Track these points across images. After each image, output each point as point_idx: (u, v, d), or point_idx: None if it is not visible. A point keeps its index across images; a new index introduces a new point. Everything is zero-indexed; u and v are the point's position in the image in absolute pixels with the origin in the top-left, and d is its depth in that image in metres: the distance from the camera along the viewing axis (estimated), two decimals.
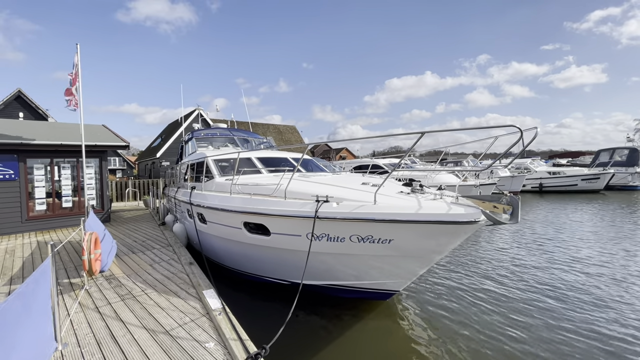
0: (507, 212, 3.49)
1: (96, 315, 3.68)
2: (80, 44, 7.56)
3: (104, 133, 10.92)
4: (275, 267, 5.04)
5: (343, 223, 3.80)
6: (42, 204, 9.03)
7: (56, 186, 9.35)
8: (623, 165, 23.02)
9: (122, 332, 3.29)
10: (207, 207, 5.52)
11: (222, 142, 9.21)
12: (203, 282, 4.53)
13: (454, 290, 5.72)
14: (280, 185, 4.45)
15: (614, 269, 6.62)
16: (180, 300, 4.04)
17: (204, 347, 3.00)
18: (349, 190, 4.22)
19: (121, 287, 4.56)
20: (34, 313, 2.53)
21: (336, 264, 4.36)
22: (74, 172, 9.59)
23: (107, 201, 10.28)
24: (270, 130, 38.15)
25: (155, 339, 3.17)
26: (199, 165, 7.23)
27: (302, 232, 4.13)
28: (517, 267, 6.85)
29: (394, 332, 4.48)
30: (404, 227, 3.59)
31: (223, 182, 5.93)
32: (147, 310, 3.80)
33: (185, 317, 3.61)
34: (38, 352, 2.57)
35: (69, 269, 5.35)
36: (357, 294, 4.77)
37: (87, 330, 3.35)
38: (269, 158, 6.89)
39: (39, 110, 19.16)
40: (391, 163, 16.24)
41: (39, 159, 8.96)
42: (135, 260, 5.80)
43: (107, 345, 3.06)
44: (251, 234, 4.78)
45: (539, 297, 5.39)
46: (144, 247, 6.74)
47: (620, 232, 9.87)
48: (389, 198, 3.84)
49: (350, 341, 4.21)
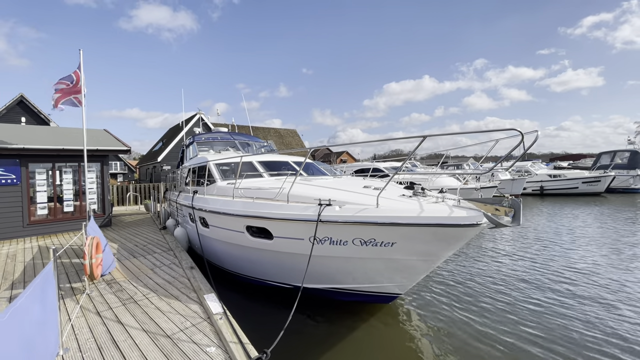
0: (509, 215, 3.48)
1: (97, 320, 3.67)
2: (83, 50, 7.62)
3: (106, 137, 10.96)
4: (277, 271, 5.03)
5: (345, 226, 3.79)
6: (44, 209, 9.03)
7: (58, 191, 9.36)
8: (624, 168, 22.98)
9: (123, 337, 3.28)
10: (209, 211, 5.52)
11: (223, 146, 9.23)
12: (204, 286, 4.52)
13: (456, 293, 5.68)
14: (282, 189, 4.46)
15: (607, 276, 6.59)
16: (181, 305, 4.03)
17: (205, 352, 2.99)
18: (351, 194, 4.22)
19: (122, 291, 4.55)
20: (36, 318, 2.53)
21: (338, 267, 4.35)
22: (75, 177, 9.61)
23: (109, 205, 10.29)
24: (271, 134, 38.25)
25: (157, 343, 3.15)
26: (201, 169, 7.24)
27: (304, 236, 4.12)
28: (520, 271, 6.82)
29: (396, 335, 4.45)
30: (407, 231, 3.59)
31: (225, 186, 5.94)
32: (148, 314, 3.79)
33: (186, 321, 3.59)
34: (40, 357, 2.56)
35: (70, 274, 5.34)
36: (360, 297, 4.75)
37: (89, 335, 3.34)
38: (271, 162, 6.90)
39: (41, 115, 19.24)
40: (392, 166, 16.24)
41: (41, 164, 8.99)
42: (136, 265, 5.79)
43: (108, 350, 3.05)
44: (254, 237, 4.77)
45: (542, 298, 5.36)
46: (145, 252, 6.73)
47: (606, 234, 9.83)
48: (391, 201, 3.84)
49: (352, 345, 4.18)
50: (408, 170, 15.60)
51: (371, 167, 12.36)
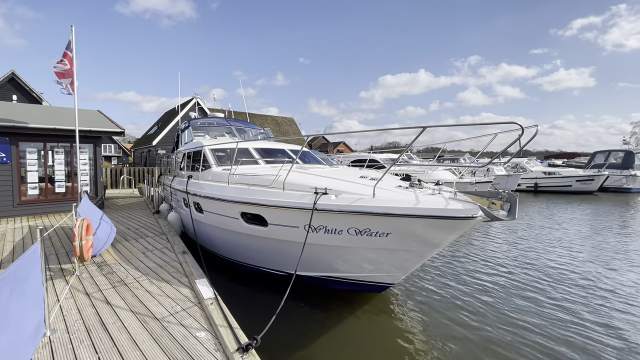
0: (504, 209, 3.47)
1: (86, 302, 3.63)
2: (78, 30, 7.37)
3: (99, 119, 10.75)
4: (271, 258, 5.01)
5: (341, 215, 3.76)
6: (35, 189, 8.89)
7: (49, 171, 9.21)
8: (618, 167, 23.16)
9: (112, 320, 3.25)
10: (204, 197, 5.45)
11: (219, 131, 9.10)
12: (196, 271, 4.49)
13: (447, 283, 5.73)
14: (278, 177, 4.40)
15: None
16: (172, 289, 4.00)
17: (194, 337, 2.97)
18: (347, 183, 4.18)
19: (113, 274, 4.50)
20: (22, 298, 2.47)
21: (333, 256, 4.34)
22: (67, 158, 9.44)
23: (101, 188, 10.16)
24: (268, 122, 37.91)
25: (146, 326, 3.13)
26: (196, 155, 7.14)
27: (299, 224, 4.09)
28: (515, 262, 6.88)
29: (387, 324, 4.48)
30: (402, 221, 3.56)
31: (220, 172, 5.87)
32: (138, 297, 3.76)
33: (177, 305, 3.57)
34: (27, 337, 2.52)
35: (61, 255, 5.28)
36: (352, 286, 4.76)
37: (77, 316, 3.31)
38: (267, 149, 6.82)
39: (33, 94, 18.81)
40: (389, 158, 16.21)
41: (32, 143, 8.81)
42: (127, 248, 5.74)
43: (96, 332, 3.02)
44: (248, 224, 4.73)
45: (533, 286, 5.42)
46: (137, 235, 6.67)
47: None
48: (388, 192, 3.81)
49: (343, 333, 4.21)
50: (404, 163, 15.58)
51: (368, 158, 12.30)
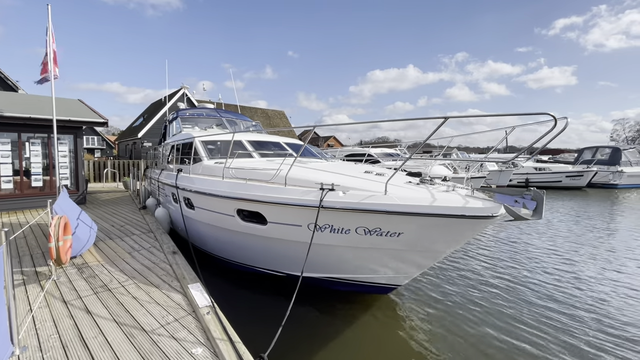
0: (529, 207, 3.20)
1: (64, 312, 3.20)
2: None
3: (80, 108, 10.07)
4: (270, 258, 4.65)
5: (350, 214, 3.43)
6: (9, 182, 8.25)
7: (25, 163, 8.55)
8: (605, 163, 23.59)
9: (93, 333, 2.84)
10: (195, 192, 5.03)
11: (209, 123, 8.61)
12: (188, 274, 4.09)
13: (456, 283, 5.50)
14: (280, 171, 4.02)
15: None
16: (163, 295, 3.60)
17: (190, 353, 2.59)
18: (353, 179, 3.85)
19: (95, 277, 4.06)
20: None
21: (338, 256, 4.02)
22: (45, 149, 8.79)
23: (83, 181, 9.54)
24: (258, 115, 37.19)
25: (133, 341, 2.73)
26: (185, 147, 6.67)
27: (303, 222, 3.74)
28: (524, 264, 6.72)
29: (393, 326, 4.21)
30: (417, 220, 3.26)
31: (212, 165, 5.44)
32: (123, 305, 3.35)
33: (168, 315, 3.18)
34: None
35: (36, 256, 4.79)
36: (357, 288, 4.47)
37: (52, 330, 2.88)
38: (261, 142, 6.42)
39: (8, 81, 17.69)
40: (384, 153, 15.95)
41: (5, 133, 8.13)
42: (112, 247, 5.28)
43: (74, 350, 2.61)
44: (245, 222, 4.35)
45: (540, 290, 5.24)
46: (123, 233, 6.20)
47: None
48: (400, 189, 3.49)
49: (347, 336, 3.90)
50: (399, 158, 15.35)
51: (366, 153, 12.00)
